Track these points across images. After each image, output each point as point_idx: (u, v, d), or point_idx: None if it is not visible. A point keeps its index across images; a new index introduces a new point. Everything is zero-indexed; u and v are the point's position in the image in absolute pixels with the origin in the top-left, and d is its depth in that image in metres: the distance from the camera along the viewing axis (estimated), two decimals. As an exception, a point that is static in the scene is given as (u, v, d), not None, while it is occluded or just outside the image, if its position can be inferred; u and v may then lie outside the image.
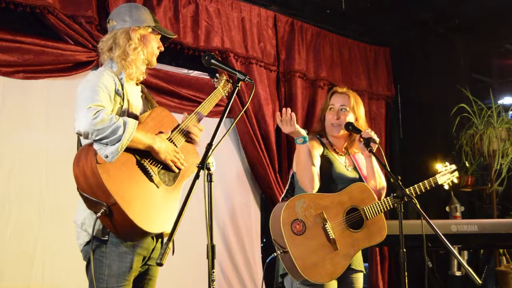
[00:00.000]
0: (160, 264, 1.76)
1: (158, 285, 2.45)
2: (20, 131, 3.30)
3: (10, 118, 3.26)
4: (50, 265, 3.28)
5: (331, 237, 2.66)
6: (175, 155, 2.32)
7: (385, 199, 2.79)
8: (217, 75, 2.73)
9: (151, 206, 2.20)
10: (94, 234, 2.15)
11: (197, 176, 1.92)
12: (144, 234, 2.18)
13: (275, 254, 2.65)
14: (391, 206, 2.77)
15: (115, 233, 2.17)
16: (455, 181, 2.97)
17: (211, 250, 1.91)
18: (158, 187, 2.25)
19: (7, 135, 3.24)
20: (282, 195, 3.04)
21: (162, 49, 2.50)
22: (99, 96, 2.18)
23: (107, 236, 2.19)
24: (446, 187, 2.96)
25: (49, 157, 3.32)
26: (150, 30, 2.42)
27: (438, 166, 2.98)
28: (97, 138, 2.12)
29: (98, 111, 2.11)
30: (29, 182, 3.28)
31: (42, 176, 3.30)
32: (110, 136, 2.10)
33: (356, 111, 2.94)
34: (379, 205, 2.77)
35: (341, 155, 2.97)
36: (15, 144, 3.26)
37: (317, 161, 2.82)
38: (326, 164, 2.86)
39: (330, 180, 2.85)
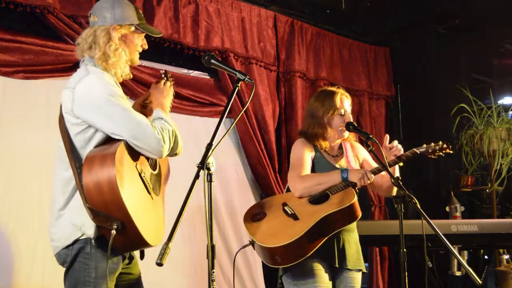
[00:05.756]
0: (160, 264, 1.77)
1: (158, 285, 2.45)
2: (20, 131, 3.29)
3: (10, 118, 3.26)
4: (50, 265, 3.27)
5: (290, 213, 2.66)
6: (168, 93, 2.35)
7: None
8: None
9: (151, 218, 2.13)
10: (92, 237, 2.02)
11: (197, 176, 1.91)
12: (145, 247, 2.14)
13: (244, 246, 2.75)
14: None
15: (117, 246, 2.02)
16: (449, 151, 2.91)
17: (211, 250, 1.91)
18: (152, 198, 2.17)
19: (7, 135, 3.24)
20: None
21: (146, 47, 2.34)
22: (130, 109, 2.13)
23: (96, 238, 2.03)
24: (433, 157, 2.89)
25: (49, 157, 3.30)
26: (133, 28, 2.23)
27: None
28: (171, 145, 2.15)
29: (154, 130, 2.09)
30: (29, 182, 3.28)
31: (42, 176, 3.29)
32: (171, 140, 2.14)
33: None
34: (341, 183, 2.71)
35: (335, 156, 2.91)
36: (15, 144, 3.26)
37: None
38: (326, 169, 2.81)
39: None
